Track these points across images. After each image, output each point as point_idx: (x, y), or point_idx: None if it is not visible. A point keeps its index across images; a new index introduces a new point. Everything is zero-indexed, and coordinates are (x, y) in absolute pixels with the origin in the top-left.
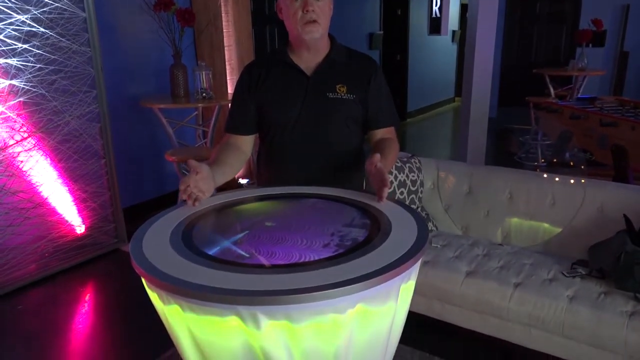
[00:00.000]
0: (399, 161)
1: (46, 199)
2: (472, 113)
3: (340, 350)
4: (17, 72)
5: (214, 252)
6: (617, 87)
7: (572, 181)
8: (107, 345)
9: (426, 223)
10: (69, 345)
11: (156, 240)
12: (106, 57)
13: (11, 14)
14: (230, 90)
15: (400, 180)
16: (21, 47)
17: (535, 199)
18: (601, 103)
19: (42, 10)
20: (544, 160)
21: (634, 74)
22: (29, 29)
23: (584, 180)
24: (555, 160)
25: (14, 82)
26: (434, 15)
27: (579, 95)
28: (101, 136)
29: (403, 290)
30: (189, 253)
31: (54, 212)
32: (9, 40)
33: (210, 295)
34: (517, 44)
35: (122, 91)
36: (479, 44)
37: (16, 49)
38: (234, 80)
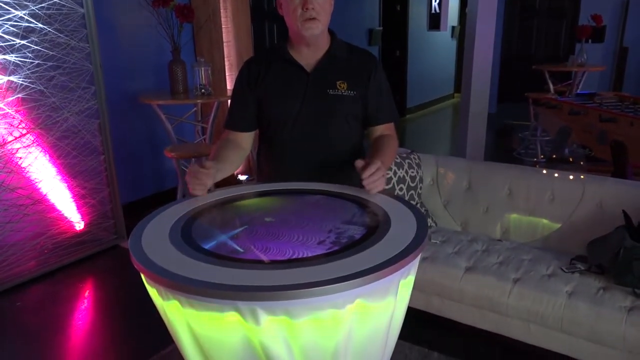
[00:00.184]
0: (398, 157)
1: (45, 195)
2: (471, 109)
3: (339, 346)
4: (16, 68)
5: (210, 246)
6: (617, 82)
7: (571, 177)
8: (107, 342)
9: (425, 219)
10: (68, 341)
11: (155, 236)
12: (105, 53)
13: (9, 10)
14: (229, 86)
15: (400, 176)
16: (19, 43)
17: (535, 194)
18: (600, 99)
19: (40, 5)
20: (543, 156)
21: (634, 69)
22: (27, 24)
23: (583, 176)
24: (554, 156)
25: (12, 78)
26: (433, 11)
27: (578, 91)
28: (100, 132)
29: (402, 285)
30: (188, 249)
31: (53, 208)
32: (7, 36)
33: (210, 291)
34: (516, 39)
35: (121, 87)
36: (478, 39)
37: (14, 45)
38: (233, 77)
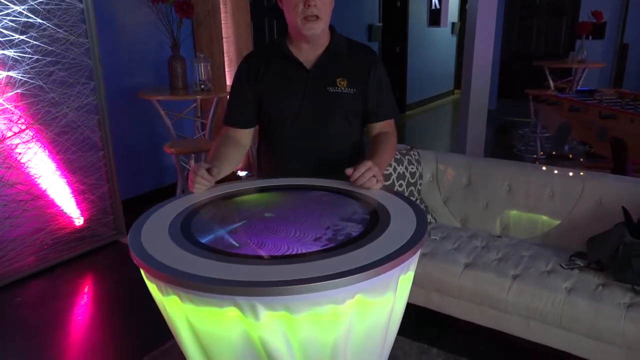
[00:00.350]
0: (398, 153)
1: (44, 191)
2: (471, 105)
3: (338, 341)
4: (15, 63)
5: (206, 240)
6: (617, 79)
7: (571, 174)
8: (107, 337)
9: (425, 215)
10: (68, 336)
11: (155, 232)
12: (104, 49)
13: (8, 5)
14: (229, 82)
15: (400, 173)
16: (18, 38)
17: (534, 191)
18: (600, 95)
19: (39, 1)
20: (543, 153)
21: (634, 66)
22: (25, 19)
23: (582, 173)
24: (554, 153)
25: (11, 73)
26: (433, 7)
27: (579, 88)
28: (99, 128)
29: (402, 281)
30: (187, 244)
31: (52, 204)
32: (5, 32)
33: (209, 286)
34: (516, 36)
35: (120, 83)
36: (478, 36)
37: (13, 40)
38: (233, 72)
